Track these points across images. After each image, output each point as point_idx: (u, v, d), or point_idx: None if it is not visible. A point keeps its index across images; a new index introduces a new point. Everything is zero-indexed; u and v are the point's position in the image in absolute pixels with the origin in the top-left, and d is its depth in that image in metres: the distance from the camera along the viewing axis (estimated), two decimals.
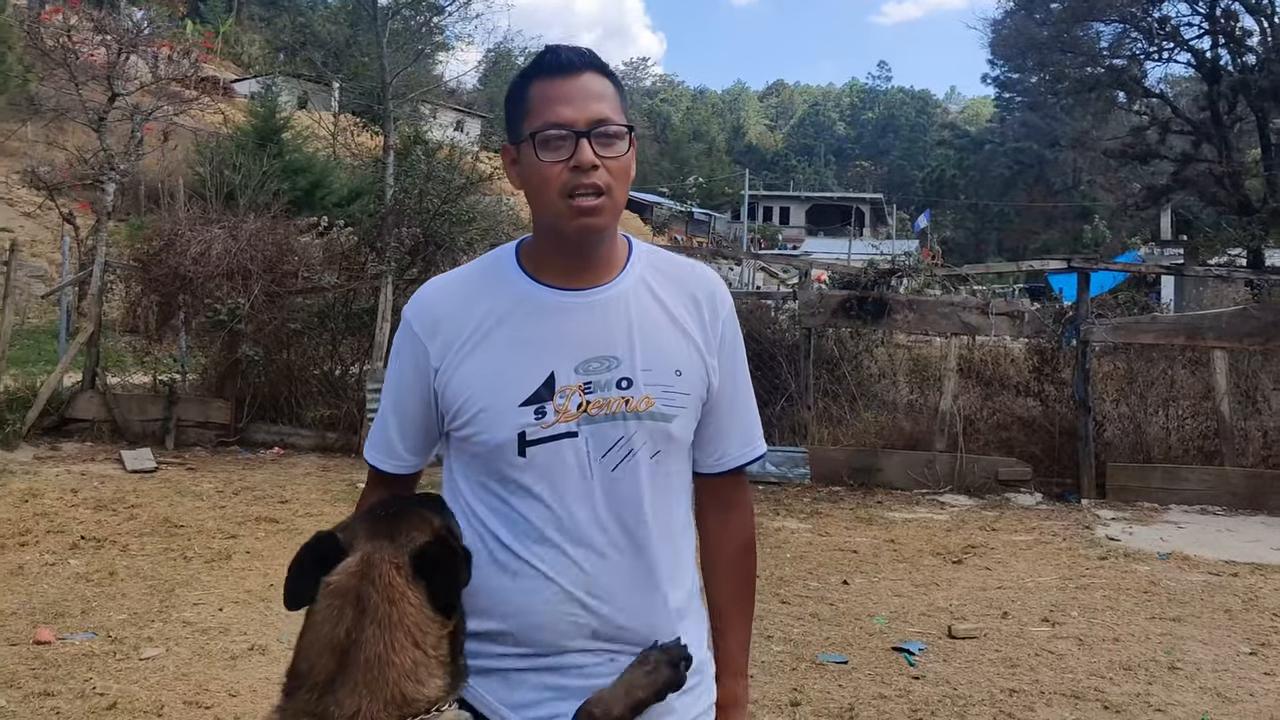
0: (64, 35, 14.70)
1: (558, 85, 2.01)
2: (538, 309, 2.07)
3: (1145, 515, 11.20)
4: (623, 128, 2.01)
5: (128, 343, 15.57)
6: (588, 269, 2.09)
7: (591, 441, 2.02)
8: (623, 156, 2.02)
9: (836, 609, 7.48)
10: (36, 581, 7.36)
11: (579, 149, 1.96)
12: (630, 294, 2.10)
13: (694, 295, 2.15)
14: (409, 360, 2.14)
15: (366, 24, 32.24)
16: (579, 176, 1.97)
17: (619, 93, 2.07)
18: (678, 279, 2.17)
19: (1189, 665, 6.41)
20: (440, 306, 2.13)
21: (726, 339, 2.17)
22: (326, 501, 10.44)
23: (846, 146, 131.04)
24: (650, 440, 2.05)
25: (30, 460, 11.69)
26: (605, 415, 2.03)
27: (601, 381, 2.04)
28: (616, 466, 2.04)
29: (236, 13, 61.52)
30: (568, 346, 2.03)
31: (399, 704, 1.70)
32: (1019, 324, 13.17)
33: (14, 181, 29.67)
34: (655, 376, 2.06)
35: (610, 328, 2.06)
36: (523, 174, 2.05)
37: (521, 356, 2.03)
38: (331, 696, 1.69)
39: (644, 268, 2.15)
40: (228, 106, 31.24)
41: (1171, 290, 27.48)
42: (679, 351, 2.09)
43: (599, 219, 2.00)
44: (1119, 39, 33.93)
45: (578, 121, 1.97)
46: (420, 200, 15.11)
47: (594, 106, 1.99)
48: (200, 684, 5.56)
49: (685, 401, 2.09)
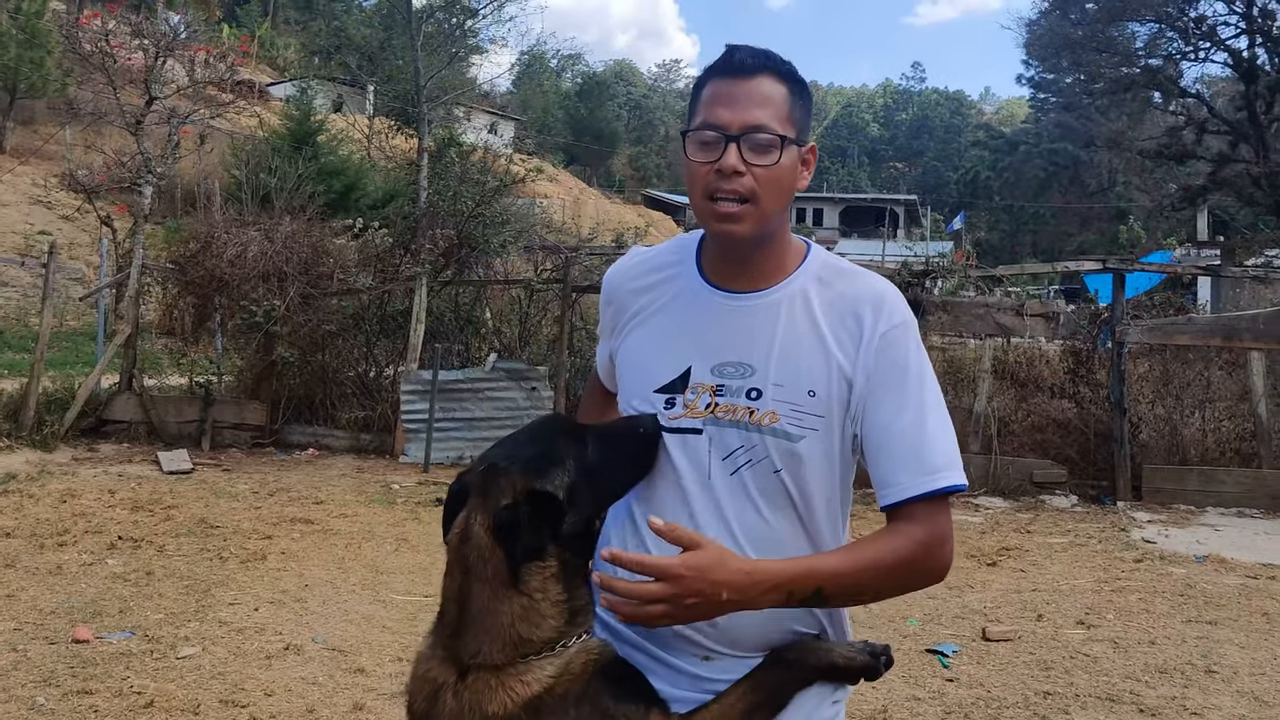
0: (102, 40, 14.83)
1: (727, 86, 2.02)
2: (694, 303, 2.12)
3: (1181, 518, 11.13)
4: (776, 137, 1.99)
5: (164, 344, 15.71)
6: (747, 272, 2.09)
7: (715, 442, 2.03)
8: (774, 166, 1.99)
9: (870, 611, 7.44)
10: (75, 581, 7.43)
11: (725, 152, 1.98)
12: (784, 305, 2.08)
13: (851, 311, 2.06)
14: (603, 323, 2.32)
15: (401, 27, 32.33)
16: (720, 181, 1.98)
17: (795, 100, 2.05)
18: (841, 294, 2.09)
19: (1226, 669, 6.36)
20: (621, 280, 2.26)
21: (885, 353, 2.03)
22: (361, 503, 10.49)
23: (880, 148, 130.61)
24: (772, 456, 2.02)
25: (68, 461, 11.80)
26: (730, 421, 2.03)
27: (733, 387, 2.04)
28: (734, 472, 2.03)
29: (272, 17, 61.89)
30: (711, 345, 2.06)
31: (516, 644, 1.87)
32: (1054, 325, 13.12)
33: (52, 185, 29.97)
34: (786, 393, 2.02)
35: (754, 336, 2.06)
36: (684, 169, 2.09)
37: (668, 345, 2.10)
38: (459, 640, 1.91)
39: (810, 279, 2.10)
40: (263, 110, 31.52)
41: (1208, 292, 27.23)
42: (817, 372, 2.03)
43: (737, 226, 2.00)
44: (1154, 38, 33.73)
45: (731, 125, 1.98)
46: (454, 203, 15.16)
47: (753, 112, 1.99)
48: (236, 683, 5.60)
49: (817, 424, 2.03)
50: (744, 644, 2.01)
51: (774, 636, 2.03)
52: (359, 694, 5.50)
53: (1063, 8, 36.50)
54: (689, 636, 1.99)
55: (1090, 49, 34.55)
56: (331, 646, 6.24)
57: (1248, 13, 29.82)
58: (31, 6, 32.74)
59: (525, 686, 1.83)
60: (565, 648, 1.88)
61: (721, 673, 2.00)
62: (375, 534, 9.18)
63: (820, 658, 2.02)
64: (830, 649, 2.04)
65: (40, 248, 23.94)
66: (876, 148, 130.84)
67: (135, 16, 16.42)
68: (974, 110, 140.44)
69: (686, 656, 2.00)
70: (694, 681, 1.99)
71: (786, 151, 2.00)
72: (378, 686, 5.63)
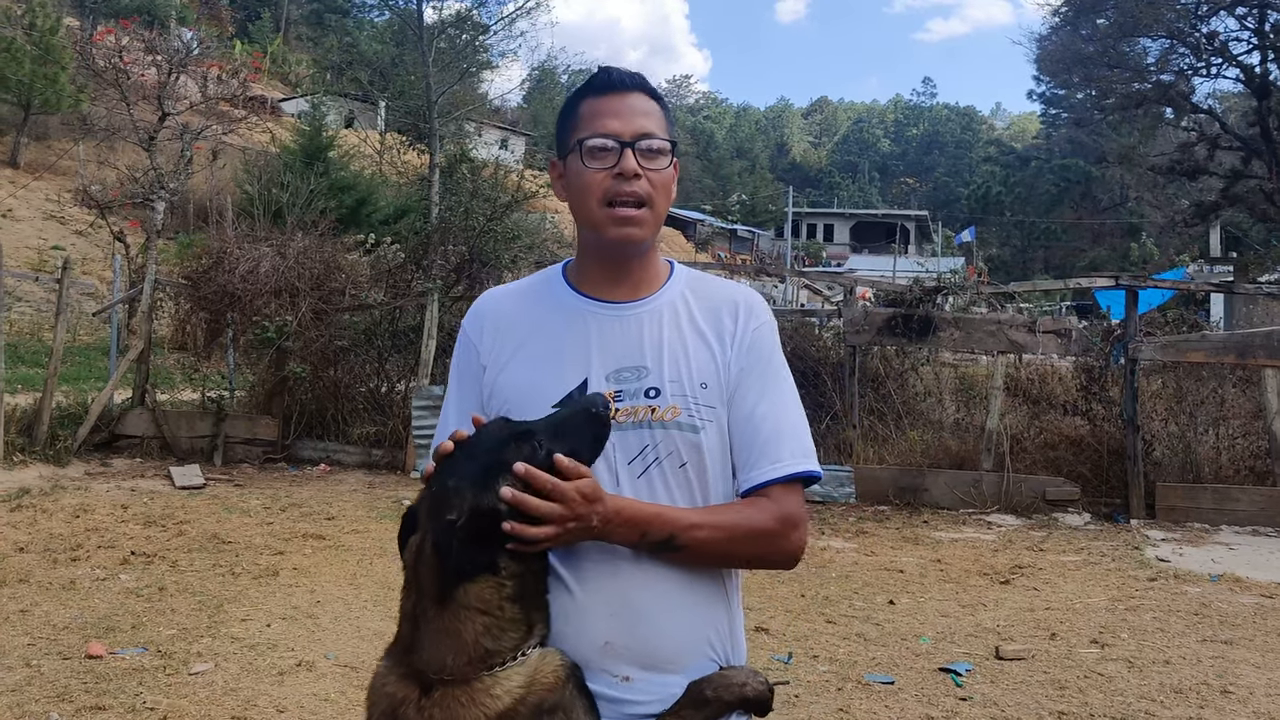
0: (115, 56, 14.92)
1: (607, 101, 2.12)
2: (575, 317, 2.15)
3: (1195, 536, 11.08)
4: (666, 142, 2.11)
5: (177, 360, 15.76)
6: (627, 282, 2.17)
7: (619, 448, 2.05)
8: (664, 170, 2.11)
9: (883, 629, 7.44)
10: (88, 596, 7.44)
11: (623, 158, 2.06)
12: (665, 310, 2.16)
13: (724, 310, 2.18)
14: (464, 364, 2.25)
15: (412, 43, 32.49)
16: (621, 184, 2.06)
17: (665, 114, 2.17)
18: (711, 297, 2.21)
19: (1241, 689, 6.32)
20: (489, 313, 2.26)
21: (752, 350, 2.16)
22: (372, 518, 10.49)
23: (891, 163, 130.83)
24: (676, 450, 2.07)
25: (81, 476, 11.82)
26: (632, 423, 2.06)
27: (631, 390, 2.08)
28: (641, 474, 2.06)
29: (284, 33, 62.17)
30: (601, 355, 2.09)
31: (481, 658, 1.85)
32: (1066, 342, 13.08)
33: (66, 200, 30.10)
34: (681, 388, 2.09)
35: (642, 340, 2.12)
36: (568, 185, 2.16)
37: (557, 362, 2.11)
38: (417, 655, 1.89)
39: (682, 287, 2.21)
40: (275, 125, 31.64)
41: (1221, 308, 27.21)
42: (706, 365, 2.12)
43: (638, 229, 2.09)
44: (1166, 54, 33.74)
45: (624, 133, 2.08)
46: (466, 218, 15.21)
47: (639, 121, 2.10)
48: (248, 699, 5.60)
49: (712, 415, 2.10)
50: (660, 663, 2.02)
51: (688, 653, 2.05)
52: None
53: (1074, 23, 36.51)
54: (608, 660, 1.99)
55: (1102, 64, 34.57)
56: (344, 663, 6.23)
57: (1260, 28, 29.83)
58: (46, 23, 32.92)
59: (495, 700, 1.83)
60: (525, 656, 1.88)
61: (639, 694, 2.00)
62: (387, 550, 9.17)
63: (735, 692, 2.05)
64: (744, 682, 2.07)
65: (54, 263, 24.05)
66: (887, 163, 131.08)
67: (148, 33, 16.53)
68: (985, 126, 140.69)
69: (606, 679, 1.99)
70: (613, 705, 1.98)
71: (673, 158, 2.13)
72: None
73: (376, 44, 40.83)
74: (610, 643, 1.98)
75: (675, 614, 2.03)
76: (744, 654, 2.19)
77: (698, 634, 2.07)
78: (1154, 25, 31.53)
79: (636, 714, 2.00)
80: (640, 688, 2.00)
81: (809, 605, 7.93)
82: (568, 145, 2.14)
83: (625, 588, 2.00)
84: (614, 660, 1.99)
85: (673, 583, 2.03)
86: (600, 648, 1.97)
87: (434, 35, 31.25)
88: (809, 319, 16.38)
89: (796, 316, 16.11)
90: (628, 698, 1.99)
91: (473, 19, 34.26)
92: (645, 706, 2.00)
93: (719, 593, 2.12)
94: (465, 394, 2.22)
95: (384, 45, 39.36)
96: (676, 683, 2.03)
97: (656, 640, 2.01)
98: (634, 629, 1.99)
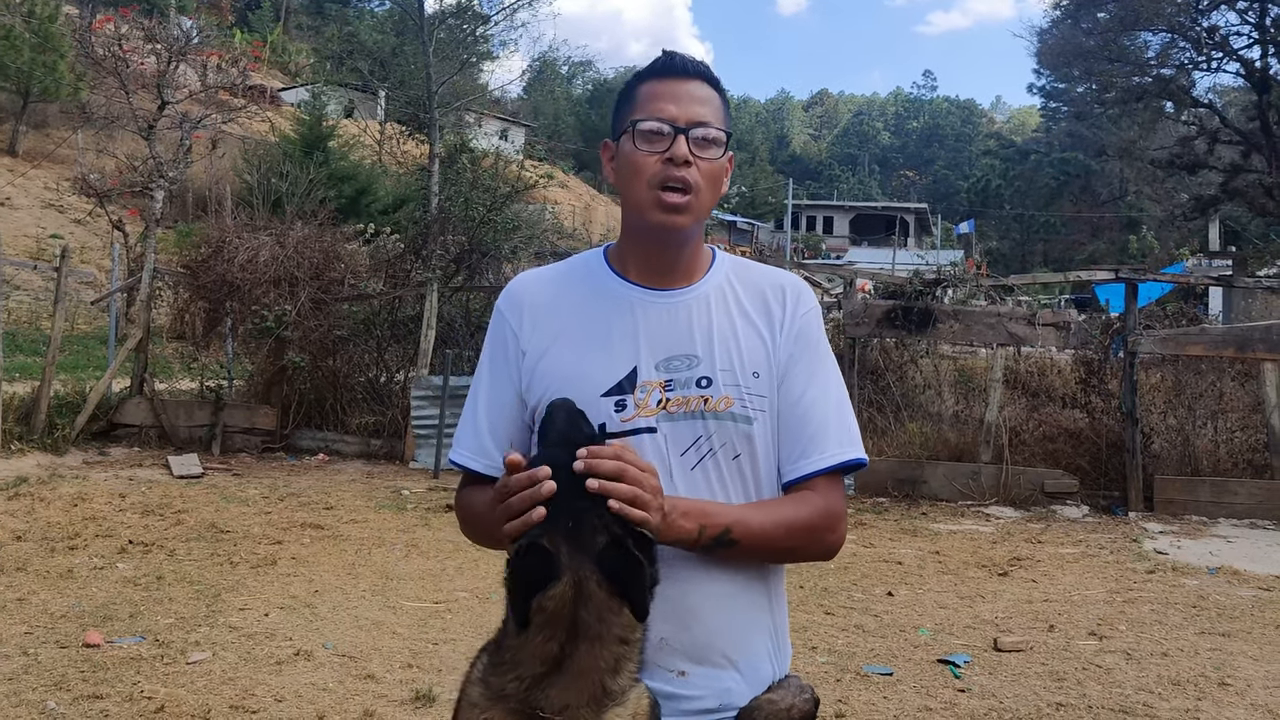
0: (115, 44, 14.88)
1: (666, 85, 2.08)
2: (621, 304, 2.11)
3: (1193, 529, 11.09)
4: (721, 133, 2.08)
5: (175, 349, 15.74)
6: (671, 270, 2.13)
7: (670, 439, 2.02)
8: (716, 160, 2.08)
9: (881, 621, 7.44)
10: (86, 585, 7.43)
11: (675, 143, 2.03)
12: (712, 297, 2.13)
13: (771, 295, 2.16)
14: (499, 347, 2.17)
15: (412, 33, 32.36)
16: (670, 169, 2.02)
17: (724, 105, 2.14)
18: (757, 284, 2.18)
19: (1239, 681, 6.33)
20: (529, 295, 2.18)
21: (801, 337, 2.14)
22: (371, 509, 10.49)
23: (891, 156, 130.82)
24: (730, 441, 2.05)
25: (79, 465, 11.82)
26: (684, 413, 2.03)
27: (682, 380, 2.05)
28: (695, 466, 2.03)
29: (284, 22, 62.06)
30: (650, 343, 2.05)
31: (600, 698, 1.76)
32: (1065, 335, 13.09)
33: (65, 188, 30.06)
34: (733, 377, 2.06)
35: (691, 328, 2.09)
36: (618, 166, 2.13)
37: (605, 349, 2.06)
38: (541, 692, 1.76)
39: (726, 273, 2.18)
40: (275, 115, 31.58)
41: (1220, 302, 27.20)
42: (758, 354, 2.10)
43: (681, 217, 2.05)
44: (1167, 48, 33.74)
45: (679, 119, 2.04)
46: (465, 208, 15.20)
47: (696, 109, 2.06)
48: (246, 688, 5.59)
49: (764, 405, 2.08)
50: (714, 658, 2.01)
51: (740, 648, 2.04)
52: (369, 700, 5.49)
53: (1075, 17, 36.47)
54: (663, 655, 1.98)
55: (1102, 58, 34.53)
56: (342, 652, 6.23)
57: (1260, 23, 29.81)
58: (45, 11, 32.89)
59: None
60: (627, 694, 1.81)
61: (695, 689, 2.00)
62: (385, 540, 9.18)
63: (783, 716, 2.05)
64: (790, 705, 2.06)
65: (52, 251, 24.05)
66: (887, 156, 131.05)
67: (148, 21, 16.46)
68: (985, 119, 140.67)
69: (663, 675, 1.98)
70: (670, 701, 1.97)
71: (727, 149, 2.10)
72: (388, 693, 5.61)
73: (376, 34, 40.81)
74: (665, 639, 1.96)
75: (726, 612, 2.02)
76: (789, 651, 2.19)
77: (748, 631, 2.07)
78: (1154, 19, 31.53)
79: (693, 709, 2.00)
80: (695, 683, 2.00)
81: (807, 596, 7.93)
82: (622, 125, 2.11)
83: (679, 587, 1.96)
84: (669, 656, 1.98)
85: (723, 582, 2.02)
86: (656, 644, 1.94)
87: (434, 25, 31.15)
88: None
89: None
90: (683, 693, 1.99)
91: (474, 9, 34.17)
92: (700, 701, 2.00)
93: (765, 591, 2.11)
94: (499, 380, 2.16)
95: (384, 35, 39.30)
96: (731, 677, 2.03)
97: (709, 637, 2.01)
98: (688, 626, 1.98)
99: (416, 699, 5.50)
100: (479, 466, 2.14)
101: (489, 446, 2.14)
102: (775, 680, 2.10)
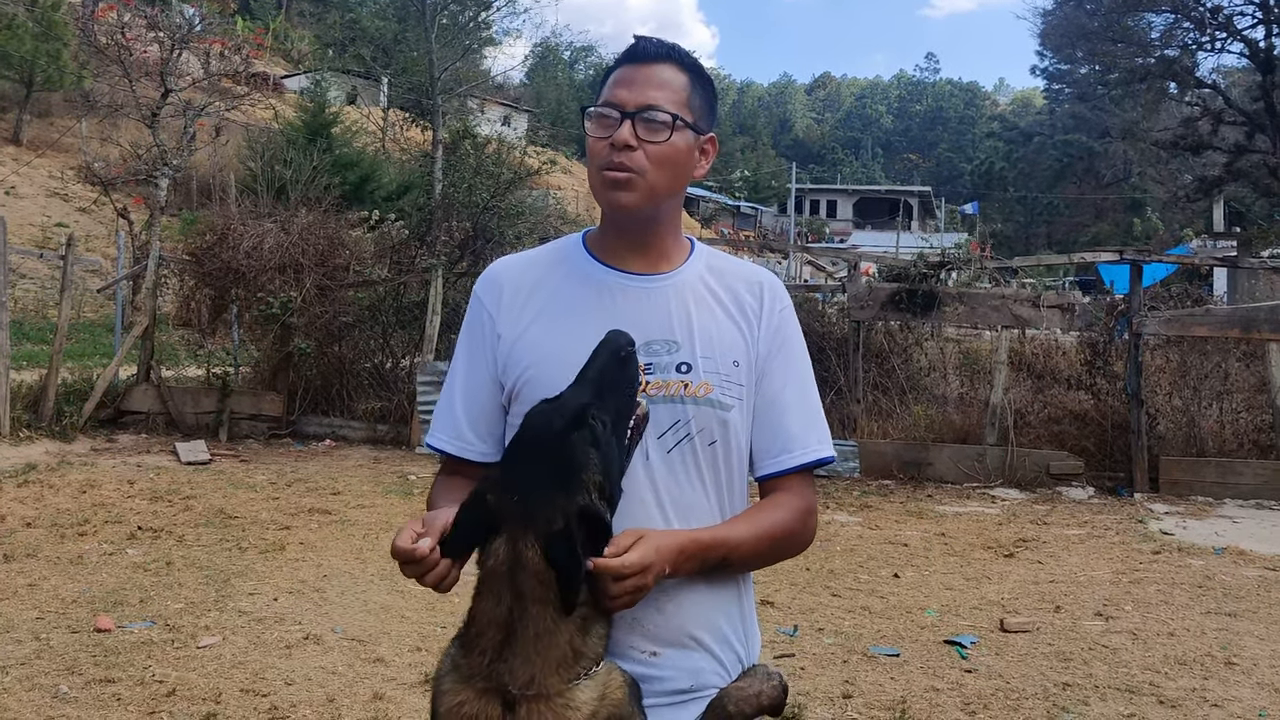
0: (118, 32, 14.88)
1: (630, 71, 2.11)
2: (600, 287, 2.13)
3: (1199, 509, 11.10)
4: (668, 116, 2.06)
5: (181, 336, 15.78)
6: (643, 253, 2.15)
7: (649, 421, 2.03)
8: (664, 144, 2.06)
9: (887, 602, 7.46)
10: (96, 571, 7.47)
11: (619, 128, 2.05)
12: (690, 285, 2.15)
13: (745, 289, 2.19)
14: (476, 331, 2.21)
15: (415, 19, 32.42)
16: (612, 154, 2.05)
17: (695, 89, 2.14)
18: (734, 277, 2.21)
19: (1245, 660, 6.35)
20: (507, 278, 2.21)
21: (779, 333, 2.18)
22: (378, 494, 10.52)
23: (894, 139, 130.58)
24: (708, 427, 2.06)
25: (87, 452, 11.85)
26: (664, 397, 2.05)
27: (662, 364, 2.06)
28: (673, 448, 2.05)
29: (286, 9, 61.96)
30: (629, 326, 2.02)
31: (568, 664, 1.79)
32: (1070, 317, 13.08)
33: (69, 177, 30.11)
34: (713, 365, 2.08)
35: (670, 314, 2.10)
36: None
37: (583, 331, 2.03)
38: (504, 664, 1.79)
39: (702, 266, 2.20)
40: (278, 102, 31.51)
41: (1224, 283, 27.16)
42: (737, 343, 2.12)
43: (625, 194, 2.06)
44: (1170, 29, 33.64)
45: (627, 104, 2.07)
46: (469, 194, 15.21)
47: (651, 93, 2.07)
48: (256, 672, 5.62)
49: (741, 393, 2.10)
50: (684, 641, 2.04)
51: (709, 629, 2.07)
52: (378, 683, 5.52)
53: None
54: (636, 637, 2.00)
55: (1105, 39, 34.46)
56: (351, 636, 6.26)
57: (1264, 2, 29.69)
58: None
59: (577, 712, 1.78)
60: (595, 670, 1.83)
61: (666, 669, 2.02)
62: (393, 524, 9.19)
63: (753, 703, 2.07)
64: (759, 691, 2.09)
65: (57, 240, 24.04)
66: (890, 139, 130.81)
67: (150, 9, 16.45)
68: (988, 101, 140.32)
69: (634, 655, 2.00)
70: (643, 683, 1.97)
71: (679, 132, 2.08)
72: (397, 676, 5.65)
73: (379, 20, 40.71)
74: (638, 619, 1.98)
75: (698, 594, 2.04)
76: (759, 636, 2.22)
77: (718, 614, 2.09)
78: None
79: (665, 689, 2.02)
80: (667, 663, 2.02)
81: (814, 579, 7.95)
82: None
83: None
84: (642, 638, 2.00)
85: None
86: (628, 624, 1.97)
87: (437, 11, 31.15)
88: (813, 295, 16.37)
89: (801, 292, 16.08)
90: (656, 674, 2.01)
91: None
92: (673, 681, 2.02)
93: (733, 578, 2.13)
94: (475, 362, 2.18)
95: (386, 22, 39.22)
96: (702, 658, 2.05)
97: (680, 619, 2.03)
98: (661, 607, 1.99)
99: (425, 682, 5.52)
100: (455, 450, 2.18)
101: (465, 431, 2.17)
102: (746, 664, 2.14)
